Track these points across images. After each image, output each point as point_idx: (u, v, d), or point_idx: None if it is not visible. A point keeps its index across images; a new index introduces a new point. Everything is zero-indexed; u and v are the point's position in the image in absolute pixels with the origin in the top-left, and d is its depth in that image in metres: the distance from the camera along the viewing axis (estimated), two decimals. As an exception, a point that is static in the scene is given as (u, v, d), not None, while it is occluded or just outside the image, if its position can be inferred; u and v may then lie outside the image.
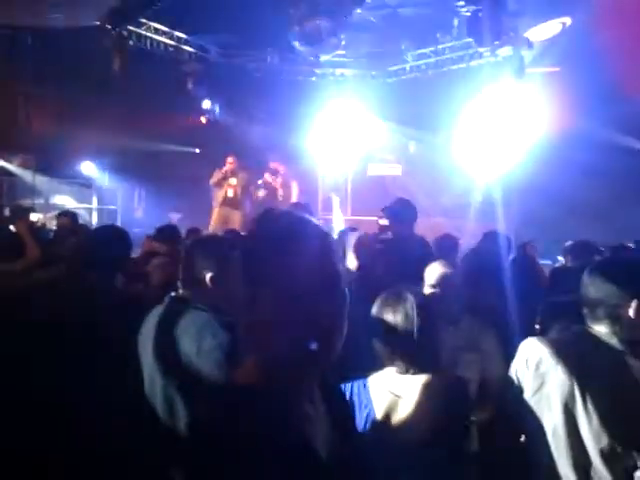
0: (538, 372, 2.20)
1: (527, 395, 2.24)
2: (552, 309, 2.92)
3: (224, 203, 10.95)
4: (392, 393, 2.25)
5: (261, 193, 11.69)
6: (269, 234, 1.27)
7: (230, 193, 10.99)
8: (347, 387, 2.31)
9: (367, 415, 2.25)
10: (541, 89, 10.34)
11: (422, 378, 2.25)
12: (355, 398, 2.28)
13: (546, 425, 2.13)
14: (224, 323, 2.31)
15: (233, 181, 11.02)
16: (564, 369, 2.09)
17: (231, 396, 1.37)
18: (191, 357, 2.22)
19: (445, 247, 4.83)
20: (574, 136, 9.72)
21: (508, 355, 2.98)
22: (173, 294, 2.48)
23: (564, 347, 2.23)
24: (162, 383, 2.29)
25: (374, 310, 2.33)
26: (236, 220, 10.75)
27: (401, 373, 2.26)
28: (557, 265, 6.01)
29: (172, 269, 3.92)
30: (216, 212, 10.91)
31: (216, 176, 11.04)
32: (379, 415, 2.24)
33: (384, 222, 4.71)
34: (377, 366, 2.33)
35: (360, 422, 2.25)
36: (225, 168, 11.02)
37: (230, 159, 11.13)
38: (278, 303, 1.15)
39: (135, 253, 5.78)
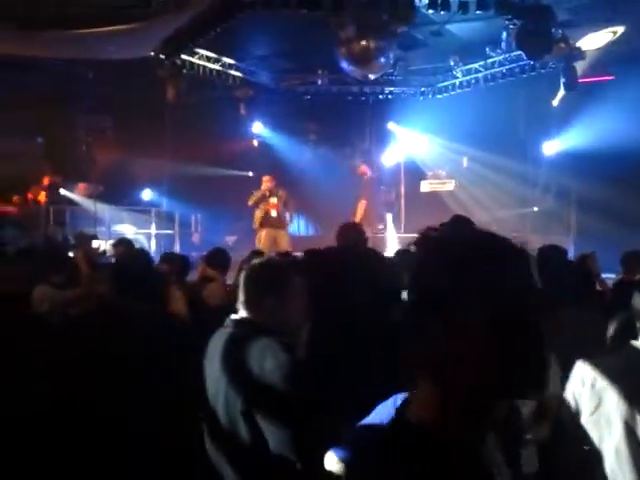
0: (594, 391, 2.17)
1: (585, 415, 2.21)
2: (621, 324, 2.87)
3: (267, 224, 10.54)
4: None
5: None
6: (463, 258, 1.08)
7: (273, 213, 10.55)
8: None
9: None
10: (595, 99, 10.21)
11: None
12: None
13: (607, 445, 2.10)
14: (284, 345, 2.38)
15: (274, 200, 10.58)
16: (620, 387, 2.06)
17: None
18: (254, 378, 2.29)
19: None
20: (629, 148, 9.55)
21: (565, 373, 2.96)
22: (234, 317, 2.54)
23: (618, 364, 2.19)
24: (225, 402, 2.36)
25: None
26: (284, 240, 10.51)
27: None
28: (616, 278, 5.86)
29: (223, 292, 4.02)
30: (263, 234, 10.49)
31: (255, 197, 10.64)
32: None
33: None
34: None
35: None
36: (263, 187, 10.62)
37: (266, 178, 10.73)
38: (479, 333, 1.01)
39: (192, 276, 5.96)
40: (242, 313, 2.55)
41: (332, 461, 2.21)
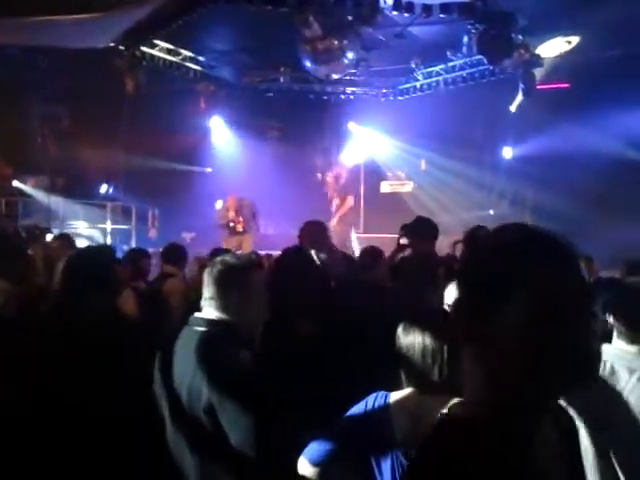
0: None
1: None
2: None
3: (233, 234, 11.32)
4: (412, 415, 2.25)
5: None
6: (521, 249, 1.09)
7: (239, 228, 11.37)
8: (368, 402, 2.30)
9: (389, 435, 2.25)
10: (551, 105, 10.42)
11: (445, 399, 2.24)
12: (376, 416, 2.24)
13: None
14: (244, 342, 2.37)
15: (240, 218, 11.37)
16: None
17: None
18: (208, 374, 2.26)
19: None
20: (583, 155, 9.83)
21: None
22: (197, 315, 2.51)
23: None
24: (186, 402, 2.33)
25: (399, 330, 2.34)
26: (248, 244, 11.05)
27: (422, 393, 2.26)
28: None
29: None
30: (228, 240, 11.13)
31: (221, 218, 11.46)
32: (400, 437, 2.21)
33: (404, 240, 4.71)
34: (397, 385, 2.33)
35: (382, 442, 2.26)
36: (229, 214, 11.34)
37: (230, 199, 11.45)
38: (533, 323, 1.02)
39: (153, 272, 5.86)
40: (207, 311, 2.52)
41: (305, 466, 2.20)
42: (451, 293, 3.17)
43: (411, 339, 2.26)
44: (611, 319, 2.56)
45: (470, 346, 1.12)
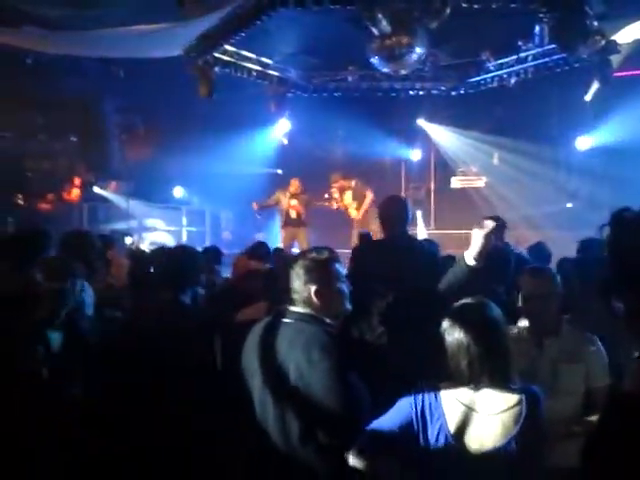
0: None
1: None
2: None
3: (288, 224, 11.57)
4: (467, 407, 2.24)
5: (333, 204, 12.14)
6: None
7: (292, 214, 11.57)
8: (417, 396, 2.31)
9: (439, 428, 2.25)
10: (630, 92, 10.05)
11: (497, 392, 2.24)
12: (427, 410, 2.27)
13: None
14: (330, 334, 2.41)
15: (294, 202, 11.56)
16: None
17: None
18: (301, 367, 2.31)
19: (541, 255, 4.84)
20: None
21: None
22: (280, 307, 2.58)
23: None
24: (273, 393, 2.39)
25: (445, 323, 2.33)
26: (302, 237, 11.43)
27: (474, 388, 2.26)
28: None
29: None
30: (284, 233, 11.59)
31: (265, 203, 11.95)
32: (452, 428, 2.24)
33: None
34: (446, 378, 2.32)
35: (432, 435, 2.25)
36: (290, 189, 11.63)
37: (293, 181, 11.72)
38: None
39: (226, 273, 6.01)
40: (291, 305, 2.58)
41: (357, 459, 2.23)
42: (526, 282, 3.13)
43: (456, 336, 2.26)
44: None
45: None
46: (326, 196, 12.33)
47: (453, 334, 2.27)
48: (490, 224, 3.25)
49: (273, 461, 2.40)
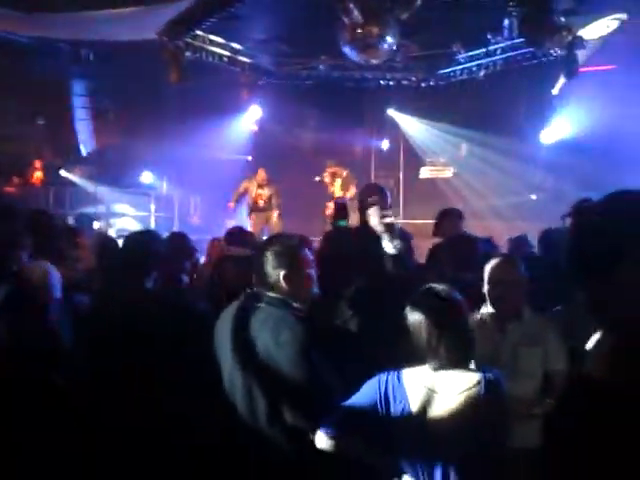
0: None
1: None
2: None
3: (256, 210, 11.73)
4: (428, 388, 2.32)
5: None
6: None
7: (261, 203, 11.72)
8: (381, 379, 2.38)
9: (402, 409, 2.32)
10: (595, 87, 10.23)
11: (457, 373, 2.32)
12: (390, 391, 2.34)
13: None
14: (298, 317, 2.47)
15: (262, 191, 11.73)
16: None
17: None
18: (270, 349, 2.37)
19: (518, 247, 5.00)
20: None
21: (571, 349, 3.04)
22: (248, 291, 2.63)
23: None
24: (241, 373, 2.44)
25: (407, 306, 2.41)
26: (274, 220, 11.61)
27: (435, 369, 2.34)
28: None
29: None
30: (253, 219, 11.72)
31: (235, 194, 11.95)
32: (414, 409, 2.31)
33: None
34: (410, 361, 2.40)
35: (395, 416, 2.33)
36: (257, 177, 11.77)
37: (260, 171, 11.84)
38: None
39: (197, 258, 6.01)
40: (255, 288, 2.64)
41: (323, 439, 2.31)
42: (489, 270, 3.23)
43: (417, 317, 2.34)
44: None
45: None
46: (317, 178, 12.54)
47: (413, 315, 2.36)
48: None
49: (241, 440, 2.46)
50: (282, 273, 2.55)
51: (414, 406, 2.31)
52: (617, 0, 8.45)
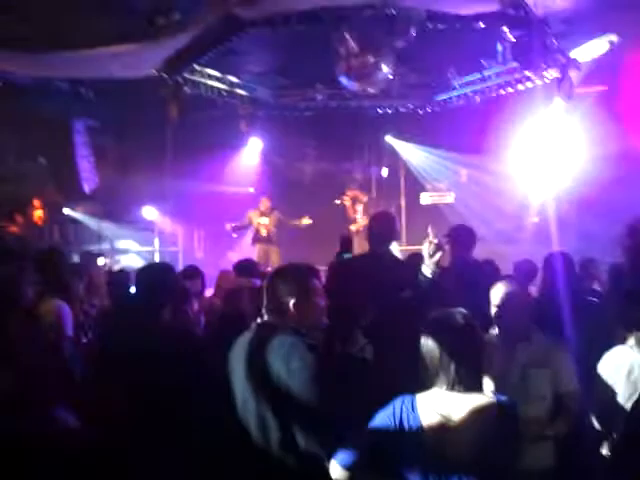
0: (630, 380, 2.26)
1: (620, 400, 2.30)
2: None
3: (259, 240, 11.81)
4: (442, 415, 2.29)
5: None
6: None
7: (263, 232, 11.81)
8: (395, 406, 2.37)
9: (416, 436, 2.30)
10: (591, 109, 10.32)
11: (470, 398, 2.31)
12: (404, 418, 2.33)
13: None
14: (308, 345, 2.49)
15: (264, 220, 11.81)
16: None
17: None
18: (282, 376, 2.39)
19: (525, 271, 5.02)
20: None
21: (579, 370, 3.05)
22: (259, 320, 2.67)
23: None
24: (255, 402, 2.46)
25: (422, 331, 2.41)
26: (275, 255, 11.66)
27: (449, 394, 2.32)
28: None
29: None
30: (256, 249, 11.75)
31: (239, 224, 12.02)
32: (429, 436, 2.29)
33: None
34: (424, 385, 2.40)
35: (410, 443, 2.31)
36: (260, 207, 11.87)
37: (263, 199, 11.97)
38: None
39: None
40: (266, 317, 2.67)
41: (336, 469, 2.30)
42: (496, 293, 3.26)
43: (431, 343, 2.35)
44: None
45: None
46: (337, 202, 12.66)
47: (427, 342, 2.36)
48: (430, 234, 3.43)
49: (255, 466, 2.47)
50: (292, 301, 2.59)
51: (428, 433, 2.30)
52: (608, 22, 8.56)
